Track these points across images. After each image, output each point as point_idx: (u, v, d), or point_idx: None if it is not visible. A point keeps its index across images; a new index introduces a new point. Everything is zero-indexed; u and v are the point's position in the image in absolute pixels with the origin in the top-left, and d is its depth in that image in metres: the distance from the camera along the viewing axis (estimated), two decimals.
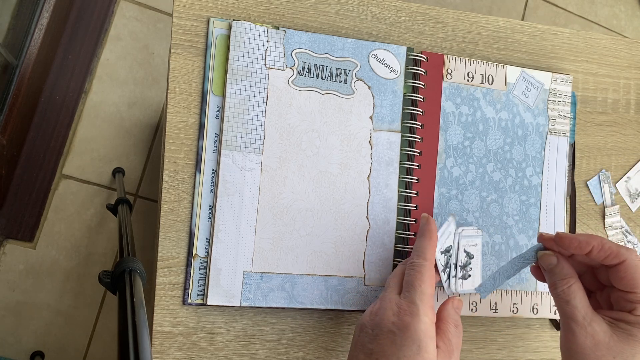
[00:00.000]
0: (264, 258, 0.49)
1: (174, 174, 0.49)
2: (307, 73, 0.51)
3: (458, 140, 0.55)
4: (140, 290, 0.47)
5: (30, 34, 1.06)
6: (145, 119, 1.23)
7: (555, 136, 0.58)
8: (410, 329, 0.40)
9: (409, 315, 0.41)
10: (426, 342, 0.40)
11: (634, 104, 0.63)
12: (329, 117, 0.52)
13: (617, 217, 0.61)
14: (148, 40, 1.25)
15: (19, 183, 1.15)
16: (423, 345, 0.40)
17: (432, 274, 0.44)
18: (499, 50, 0.58)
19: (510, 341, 0.57)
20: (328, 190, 0.51)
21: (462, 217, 0.54)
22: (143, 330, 0.39)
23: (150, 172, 1.23)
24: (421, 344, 0.40)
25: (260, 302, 0.49)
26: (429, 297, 0.42)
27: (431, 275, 0.44)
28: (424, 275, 0.43)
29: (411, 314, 0.41)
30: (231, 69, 0.49)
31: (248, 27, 0.50)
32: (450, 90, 0.55)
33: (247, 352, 0.50)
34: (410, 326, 0.41)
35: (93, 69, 1.21)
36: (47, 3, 1.08)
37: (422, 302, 0.42)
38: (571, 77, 0.59)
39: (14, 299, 1.14)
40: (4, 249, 1.14)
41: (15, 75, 1.04)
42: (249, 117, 0.50)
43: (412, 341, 0.40)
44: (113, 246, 1.19)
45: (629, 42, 0.63)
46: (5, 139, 1.03)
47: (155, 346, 0.47)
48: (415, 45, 0.56)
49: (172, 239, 0.48)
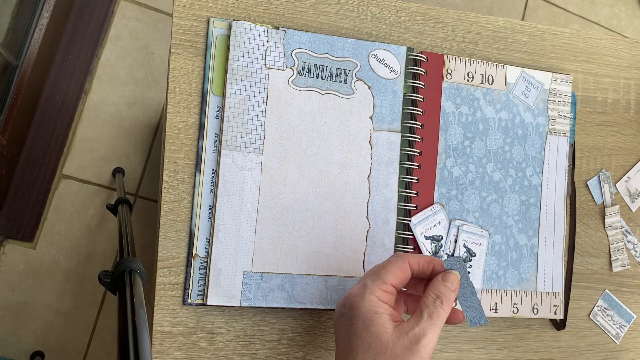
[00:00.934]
0: (264, 258, 0.49)
1: (174, 174, 0.49)
2: (307, 73, 0.51)
3: (458, 140, 0.55)
4: (140, 290, 0.47)
5: (30, 34, 1.06)
6: (145, 119, 1.23)
7: (555, 136, 0.58)
8: (354, 308, 0.42)
9: (356, 295, 0.43)
10: (370, 316, 0.41)
11: (634, 104, 0.62)
12: (329, 117, 0.52)
13: (617, 217, 0.61)
14: (148, 40, 1.25)
15: (19, 183, 1.15)
16: (368, 320, 0.41)
17: (401, 270, 0.44)
18: (499, 50, 0.58)
19: (510, 341, 0.57)
20: (328, 190, 0.51)
21: (462, 217, 0.55)
22: (143, 330, 0.39)
23: (150, 172, 1.23)
24: (367, 319, 0.41)
25: (260, 302, 0.49)
26: (383, 283, 0.43)
27: (399, 269, 0.44)
28: (390, 265, 0.44)
29: (358, 294, 0.43)
30: (231, 69, 0.49)
31: (248, 27, 0.50)
32: (450, 90, 0.55)
33: (247, 352, 0.50)
34: (354, 305, 0.42)
35: (93, 69, 1.21)
36: (47, 3, 1.08)
37: (373, 284, 0.43)
38: (571, 77, 0.59)
39: (14, 299, 1.14)
40: (4, 249, 1.14)
41: (15, 75, 1.04)
42: (249, 117, 0.50)
43: (358, 318, 0.41)
44: (113, 246, 1.19)
45: (629, 42, 0.63)
46: (5, 139, 1.03)
47: (155, 346, 0.47)
48: (415, 45, 0.56)
49: (172, 239, 0.48)
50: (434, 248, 0.53)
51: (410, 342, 0.40)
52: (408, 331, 0.40)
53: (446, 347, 0.55)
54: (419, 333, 0.40)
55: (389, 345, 0.40)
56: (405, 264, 0.44)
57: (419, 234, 0.53)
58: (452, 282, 0.44)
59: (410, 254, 0.45)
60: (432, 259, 0.45)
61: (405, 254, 0.45)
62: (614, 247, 0.61)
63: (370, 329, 0.41)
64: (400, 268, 0.44)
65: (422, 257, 0.45)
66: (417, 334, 0.40)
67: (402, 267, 0.44)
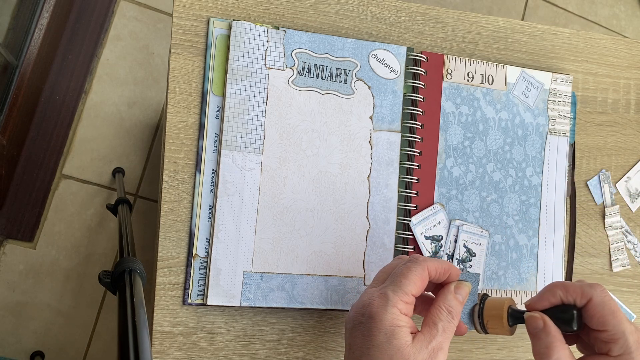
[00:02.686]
0: (264, 258, 0.49)
1: (174, 174, 0.49)
2: (307, 73, 0.51)
3: (458, 140, 0.55)
4: (140, 290, 0.47)
5: (30, 34, 1.06)
6: (145, 119, 1.23)
7: (555, 136, 0.58)
8: (376, 319, 0.41)
9: (377, 306, 0.42)
10: (393, 330, 0.40)
11: (634, 104, 0.63)
12: (329, 117, 0.52)
13: (617, 217, 0.61)
14: (148, 40, 1.25)
15: (19, 183, 1.15)
16: (390, 333, 0.40)
17: (422, 278, 0.43)
18: (499, 50, 0.58)
19: (510, 341, 0.57)
20: (328, 190, 0.51)
21: (462, 217, 0.55)
22: (143, 330, 0.39)
23: (150, 172, 1.23)
24: (388, 332, 0.40)
25: (260, 302, 0.49)
26: (405, 294, 0.42)
27: (420, 278, 0.43)
28: (411, 274, 0.43)
29: (379, 305, 0.42)
30: (231, 69, 0.49)
31: (248, 27, 0.50)
32: (450, 90, 0.55)
33: (247, 352, 0.50)
34: (376, 316, 0.41)
35: (93, 69, 1.21)
36: (47, 3, 1.08)
37: (395, 295, 0.42)
38: (571, 77, 0.59)
39: (14, 299, 1.14)
40: (4, 249, 1.14)
41: (15, 75, 1.04)
42: (249, 117, 0.50)
43: (379, 330, 0.41)
44: (113, 246, 1.19)
45: (629, 42, 0.63)
46: (5, 139, 1.03)
47: (155, 346, 0.47)
48: (415, 45, 0.56)
49: (172, 239, 0.48)
50: (434, 248, 0.53)
51: (430, 356, 0.41)
52: (427, 344, 0.41)
53: None
54: (437, 346, 0.41)
55: (410, 358, 0.40)
56: (425, 271, 0.43)
57: (419, 234, 0.53)
58: (463, 296, 0.44)
59: (429, 259, 0.44)
60: (449, 267, 0.44)
61: (424, 259, 0.44)
62: (614, 247, 0.61)
63: (392, 342, 0.40)
64: (420, 276, 0.43)
65: (440, 264, 0.44)
66: (435, 347, 0.41)
67: (422, 275, 0.43)
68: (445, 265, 0.44)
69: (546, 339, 0.41)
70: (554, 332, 0.41)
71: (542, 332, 0.42)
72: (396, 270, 0.44)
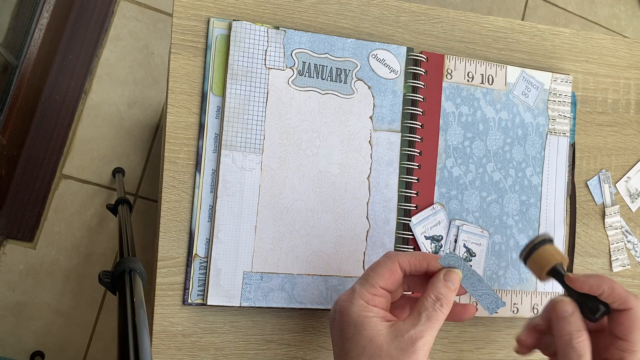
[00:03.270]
0: (264, 258, 0.49)
1: (174, 174, 0.49)
2: (307, 73, 0.51)
3: (458, 140, 0.55)
4: (140, 290, 0.47)
5: (30, 34, 1.06)
6: (145, 119, 1.23)
7: (555, 136, 0.58)
8: (344, 312, 0.42)
9: (345, 300, 0.43)
10: (361, 321, 0.41)
11: (634, 104, 0.63)
12: (329, 117, 0.52)
13: (617, 217, 0.61)
14: (148, 40, 1.25)
15: (19, 183, 1.15)
16: (359, 325, 0.41)
17: (391, 271, 0.43)
18: (499, 50, 0.58)
19: (510, 341, 0.57)
20: (328, 190, 0.51)
21: (462, 217, 0.55)
22: (143, 330, 0.39)
23: (150, 172, 1.23)
24: (357, 324, 0.41)
25: (260, 302, 0.49)
26: (372, 287, 0.42)
27: (388, 271, 0.43)
28: (379, 267, 0.43)
29: (347, 299, 0.42)
30: (231, 69, 0.49)
31: (248, 27, 0.50)
32: (450, 90, 0.55)
33: (247, 352, 0.50)
34: (344, 309, 0.42)
35: (93, 69, 1.21)
36: (47, 3, 1.08)
37: (361, 287, 0.42)
38: (571, 77, 0.59)
39: (14, 299, 1.14)
40: (4, 249, 1.14)
41: (15, 75, 1.04)
42: (249, 117, 0.50)
43: (348, 323, 0.41)
44: (113, 246, 1.19)
45: (629, 42, 0.63)
46: (5, 139, 1.03)
47: (155, 346, 0.47)
48: (415, 45, 0.56)
49: (172, 239, 0.48)
50: (434, 248, 0.53)
51: (406, 344, 0.39)
52: (404, 333, 0.40)
53: (446, 347, 0.55)
54: (416, 335, 0.40)
55: (383, 347, 0.39)
56: (394, 264, 0.43)
57: (419, 234, 0.53)
58: (454, 282, 0.43)
59: (401, 253, 0.44)
60: (425, 256, 0.44)
61: (395, 254, 0.44)
62: (614, 247, 0.61)
63: (362, 333, 0.40)
64: (389, 269, 0.43)
65: (414, 255, 0.44)
66: (413, 336, 0.39)
67: (390, 268, 0.43)
68: (419, 255, 0.44)
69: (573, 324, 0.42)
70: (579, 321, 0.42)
71: (571, 317, 0.42)
72: (370, 266, 0.44)
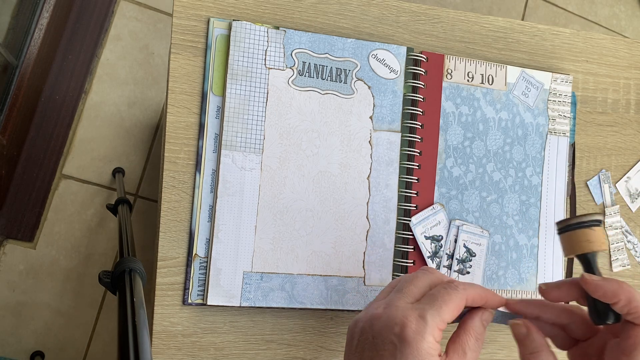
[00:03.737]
0: (264, 258, 0.49)
1: (174, 174, 0.49)
2: (307, 73, 0.51)
3: (458, 140, 0.55)
4: (140, 290, 0.47)
5: (30, 34, 1.06)
6: (145, 119, 1.23)
7: (555, 136, 0.58)
8: (412, 345, 0.39)
9: (415, 331, 0.40)
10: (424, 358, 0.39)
11: (634, 104, 0.62)
12: (329, 117, 0.52)
13: (617, 217, 0.61)
14: (148, 40, 1.25)
15: (19, 183, 1.15)
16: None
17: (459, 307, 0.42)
18: (499, 50, 0.58)
19: (510, 341, 0.57)
20: (328, 190, 0.51)
21: (462, 217, 0.55)
22: (143, 330, 0.39)
23: (150, 172, 1.23)
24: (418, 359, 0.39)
25: (260, 302, 0.49)
26: (442, 322, 0.40)
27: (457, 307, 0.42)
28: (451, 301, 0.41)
29: (417, 330, 0.40)
30: (231, 69, 0.49)
31: (248, 27, 0.50)
32: (450, 90, 0.55)
33: (247, 352, 0.50)
34: (413, 342, 0.39)
35: (93, 69, 1.21)
36: (47, 3, 1.08)
37: (434, 322, 0.40)
38: (571, 77, 0.59)
39: (14, 299, 1.14)
40: (4, 249, 1.14)
41: (15, 75, 1.04)
42: (249, 117, 0.50)
43: (413, 357, 0.39)
44: (113, 246, 1.19)
45: (629, 42, 0.63)
46: (5, 139, 1.03)
47: (155, 346, 0.47)
48: (415, 45, 0.56)
49: (172, 239, 0.48)
50: (434, 248, 0.53)
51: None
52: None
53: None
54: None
55: None
56: (463, 301, 0.42)
57: (419, 234, 0.53)
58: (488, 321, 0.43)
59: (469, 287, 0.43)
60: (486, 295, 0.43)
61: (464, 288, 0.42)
62: (614, 247, 0.61)
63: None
64: (458, 306, 0.42)
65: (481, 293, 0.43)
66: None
67: (460, 304, 0.42)
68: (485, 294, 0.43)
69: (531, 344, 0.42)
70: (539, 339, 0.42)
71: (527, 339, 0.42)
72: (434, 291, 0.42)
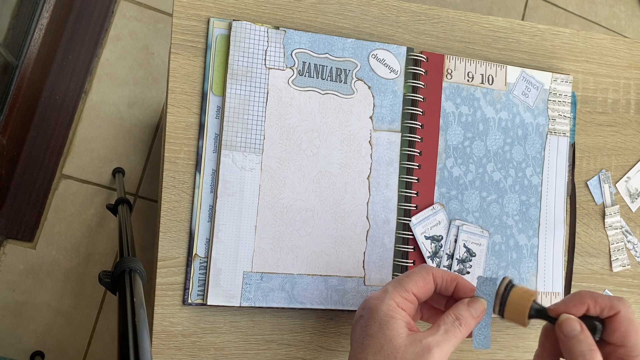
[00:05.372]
0: (264, 258, 0.49)
1: (174, 174, 0.49)
2: (307, 73, 0.51)
3: (458, 140, 0.55)
4: (140, 290, 0.47)
5: (30, 34, 1.06)
6: (145, 119, 1.23)
7: (555, 136, 0.58)
8: (373, 310, 0.42)
9: (376, 298, 0.43)
10: (387, 320, 0.41)
11: (634, 104, 0.63)
12: (329, 117, 0.52)
13: (617, 217, 0.61)
14: (148, 40, 1.25)
15: (19, 183, 1.15)
16: (384, 323, 0.41)
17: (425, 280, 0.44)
18: (499, 50, 0.58)
19: (510, 341, 0.57)
20: (328, 190, 0.51)
21: (462, 217, 0.55)
22: (143, 330, 0.39)
23: (150, 172, 1.23)
24: (382, 322, 0.41)
25: (260, 302, 0.49)
26: (404, 290, 0.43)
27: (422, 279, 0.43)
28: (413, 274, 0.44)
29: (378, 297, 0.43)
30: (231, 69, 0.49)
31: (248, 27, 0.50)
32: (450, 90, 0.55)
33: (247, 352, 0.50)
34: (373, 307, 0.42)
35: (93, 69, 1.21)
36: (47, 3, 1.08)
37: (394, 289, 0.43)
38: (571, 77, 0.59)
39: (14, 299, 1.14)
40: (4, 249, 1.14)
41: (15, 75, 1.04)
42: (249, 117, 0.50)
43: (374, 320, 0.42)
44: (113, 246, 1.19)
45: (629, 42, 0.63)
46: (5, 139, 1.03)
47: (155, 346, 0.47)
48: (415, 45, 0.56)
49: (172, 239, 0.48)
50: (434, 248, 0.53)
51: (422, 350, 0.40)
52: (422, 339, 0.40)
53: None
54: (432, 343, 0.40)
55: (400, 349, 0.40)
56: (429, 275, 0.44)
57: (419, 234, 0.53)
58: (477, 310, 0.43)
59: (436, 268, 0.45)
60: (456, 277, 0.44)
61: (430, 266, 0.45)
62: (614, 247, 0.61)
63: (385, 332, 0.41)
64: (423, 278, 0.44)
65: (447, 273, 0.45)
66: (430, 343, 0.40)
67: (425, 278, 0.44)
68: (452, 274, 0.45)
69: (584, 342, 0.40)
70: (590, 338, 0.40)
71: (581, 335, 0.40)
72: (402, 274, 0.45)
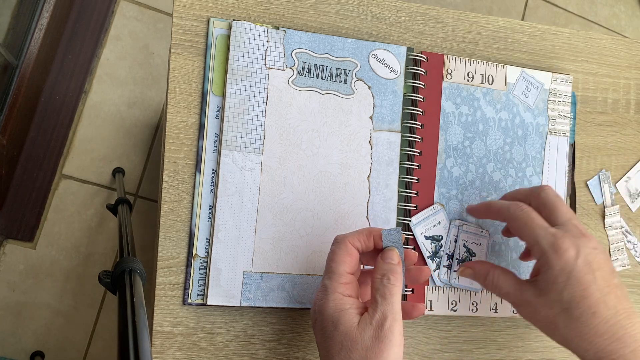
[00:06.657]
0: (264, 258, 0.49)
1: (174, 174, 0.49)
2: (307, 73, 0.51)
3: (458, 140, 0.55)
4: (140, 290, 0.47)
5: (30, 34, 1.06)
6: (145, 119, 1.23)
7: (555, 136, 0.58)
8: (322, 311, 0.42)
9: (320, 298, 0.43)
10: (337, 315, 0.41)
11: (634, 104, 0.63)
12: (329, 117, 0.52)
13: (617, 217, 0.61)
14: (148, 40, 1.25)
15: (19, 183, 1.15)
16: (336, 320, 0.41)
17: (349, 254, 0.44)
18: (499, 50, 0.58)
19: (510, 341, 0.57)
20: (328, 190, 0.51)
21: (462, 217, 0.55)
22: (143, 330, 0.39)
23: (150, 172, 1.23)
24: (334, 319, 0.41)
25: (260, 302, 0.49)
26: (340, 276, 0.43)
27: (346, 254, 0.43)
28: (336, 255, 0.44)
29: (321, 297, 0.43)
30: (231, 69, 0.49)
31: (248, 27, 0.50)
32: (450, 90, 0.55)
33: (247, 352, 0.50)
34: (321, 308, 0.42)
35: (93, 69, 1.21)
36: (47, 3, 1.08)
37: (331, 281, 0.43)
38: (571, 77, 0.59)
39: (14, 299, 1.14)
40: (4, 249, 1.14)
41: (15, 75, 1.04)
42: (249, 117, 0.50)
43: (327, 320, 0.42)
44: (113, 246, 1.19)
45: (629, 42, 0.63)
46: (5, 139, 1.03)
47: (155, 346, 0.47)
48: (415, 45, 0.56)
49: (172, 239, 0.48)
50: (434, 248, 0.53)
51: (375, 330, 0.40)
52: (370, 320, 0.40)
53: (446, 347, 0.55)
54: (380, 318, 0.40)
55: (357, 339, 0.40)
56: (348, 246, 0.44)
57: (419, 234, 0.53)
58: (392, 258, 0.44)
59: (349, 234, 0.45)
60: (369, 232, 0.45)
61: (343, 236, 0.45)
62: (614, 247, 0.61)
63: (339, 328, 0.41)
64: (347, 253, 0.44)
65: (360, 233, 0.45)
66: (378, 320, 0.40)
67: (347, 251, 0.44)
68: (364, 232, 0.45)
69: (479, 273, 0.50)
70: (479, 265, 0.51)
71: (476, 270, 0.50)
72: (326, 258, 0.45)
